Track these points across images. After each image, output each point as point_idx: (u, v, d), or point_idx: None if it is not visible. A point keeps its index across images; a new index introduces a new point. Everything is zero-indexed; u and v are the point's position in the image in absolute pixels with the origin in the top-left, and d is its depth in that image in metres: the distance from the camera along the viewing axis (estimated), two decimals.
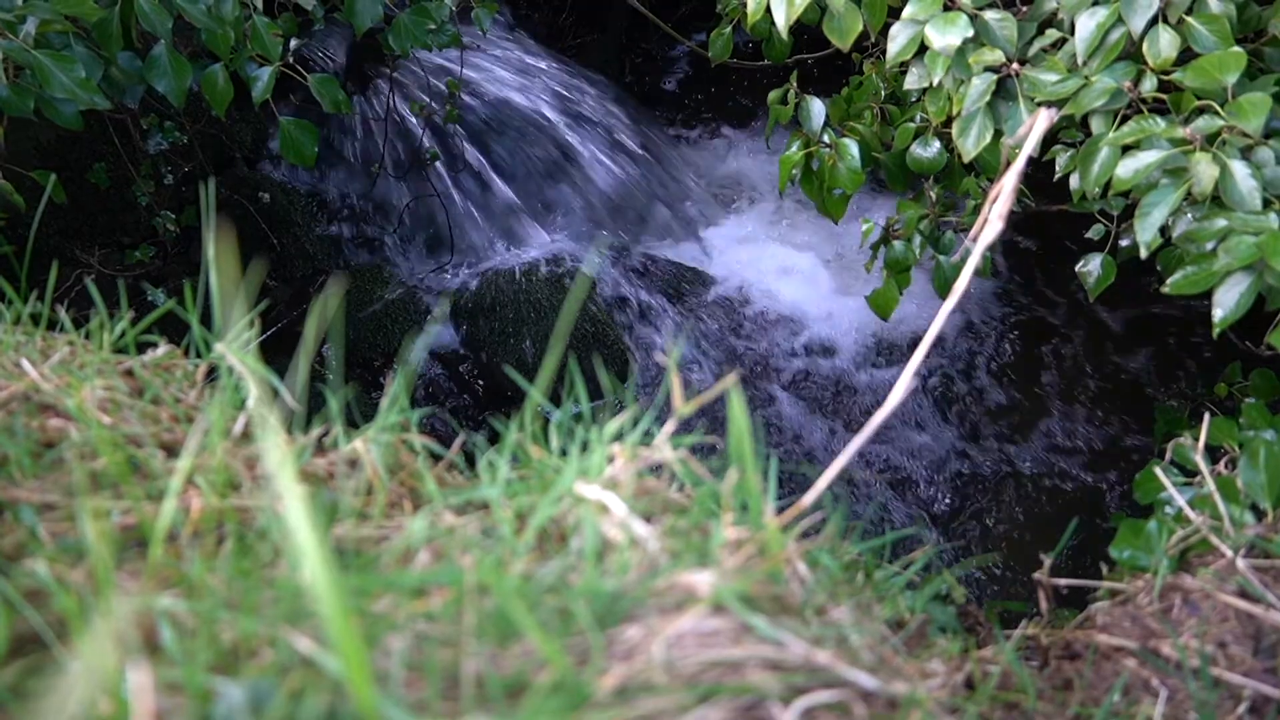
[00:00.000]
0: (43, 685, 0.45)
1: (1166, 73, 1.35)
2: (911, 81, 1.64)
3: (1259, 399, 1.88)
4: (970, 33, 1.47)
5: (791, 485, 2.43)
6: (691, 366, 2.86)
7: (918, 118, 1.80)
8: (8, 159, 1.96)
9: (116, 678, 0.39)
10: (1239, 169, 1.23)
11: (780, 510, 0.62)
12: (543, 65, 3.25)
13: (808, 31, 1.77)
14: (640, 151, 3.25)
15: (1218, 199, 1.25)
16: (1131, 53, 1.39)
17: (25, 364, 0.74)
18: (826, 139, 1.84)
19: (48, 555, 0.53)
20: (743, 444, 0.59)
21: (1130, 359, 2.85)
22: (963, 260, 1.82)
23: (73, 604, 0.47)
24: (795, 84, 1.92)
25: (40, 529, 0.56)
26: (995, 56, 1.47)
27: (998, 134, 1.51)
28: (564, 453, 0.68)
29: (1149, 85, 1.36)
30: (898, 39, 1.54)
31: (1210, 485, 0.85)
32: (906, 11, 1.52)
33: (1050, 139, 1.60)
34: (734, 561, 0.55)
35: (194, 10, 1.63)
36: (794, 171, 1.88)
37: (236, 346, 0.74)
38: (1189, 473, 1.17)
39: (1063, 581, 0.87)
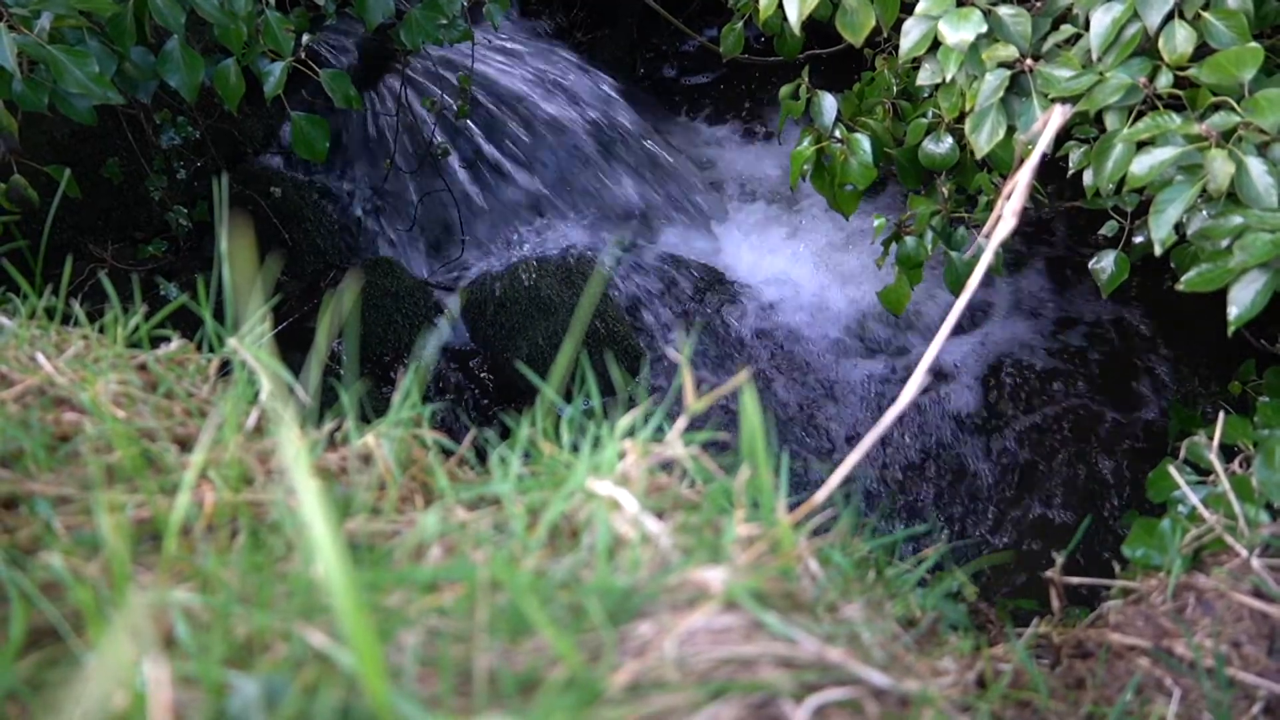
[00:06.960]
0: (59, 678, 0.45)
1: (1182, 69, 1.34)
2: (924, 77, 1.63)
3: (1274, 397, 1.87)
4: (984, 28, 1.46)
5: (804, 482, 2.43)
6: (703, 362, 2.86)
7: (930, 113, 1.80)
8: (22, 154, 1.97)
9: (132, 671, 0.39)
10: (1255, 166, 1.22)
11: (792, 507, 0.62)
12: (554, 60, 3.25)
13: (820, 27, 1.76)
14: (652, 147, 3.25)
15: (1233, 196, 1.24)
16: (1147, 49, 1.38)
17: (40, 358, 0.74)
18: (838, 134, 1.84)
19: (63, 549, 0.53)
20: (755, 440, 0.59)
21: (1143, 357, 2.84)
22: (975, 257, 1.81)
23: (88, 597, 0.47)
24: (807, 79, 1.91)
25: (55, 522, 0.56)
26: (1009, 52, 1.46)
27: (1011, 130, 1.50)
28: (575, 449, 0.68)
29: (1164, 81, 1.35)
30: (911, 34, 1.53)
31: (1225, 484, 0.84)
32: (920, 7, 1.52)
33: (1064, 135, 1.60)
34: (746, 558, 0.55)
35: (207, 5, 1.64)
36: (805, 167, 1.87)
37: (249, 341, 0.74)
38: (1203, 471, 1.17)
39: (1075, 580, 0.87)
